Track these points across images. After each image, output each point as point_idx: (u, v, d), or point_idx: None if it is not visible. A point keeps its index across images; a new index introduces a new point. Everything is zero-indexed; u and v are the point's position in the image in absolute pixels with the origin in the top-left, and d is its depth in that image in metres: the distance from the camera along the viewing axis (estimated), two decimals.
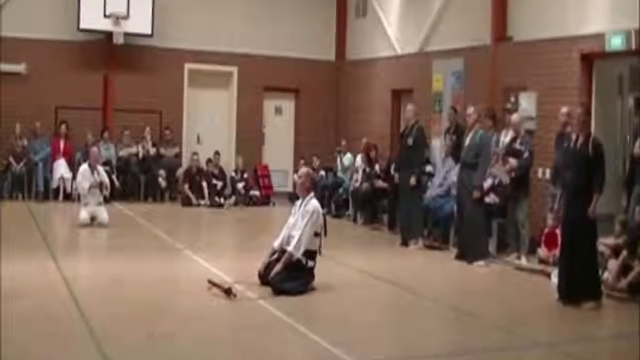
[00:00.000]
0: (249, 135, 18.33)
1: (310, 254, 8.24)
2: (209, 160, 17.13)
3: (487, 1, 13.50)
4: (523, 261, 10.74)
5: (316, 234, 8.24)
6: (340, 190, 15.76)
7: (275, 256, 8.36)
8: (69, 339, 6.27)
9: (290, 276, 8.07)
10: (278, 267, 8.06)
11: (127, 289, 8.24)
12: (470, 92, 14.03)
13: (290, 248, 8.11)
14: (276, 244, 8.44)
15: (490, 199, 11.19)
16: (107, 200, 13.61)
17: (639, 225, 9.02)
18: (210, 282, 8.16)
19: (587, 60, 11.69)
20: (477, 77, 13.87)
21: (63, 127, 16.49)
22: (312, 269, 8.29)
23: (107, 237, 12.08)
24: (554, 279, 8.64)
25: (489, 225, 11.15)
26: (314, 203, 8.27)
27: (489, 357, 6.36)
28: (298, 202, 8.53)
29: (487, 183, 11.20)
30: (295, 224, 8.25)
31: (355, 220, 14.82)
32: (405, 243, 11.98)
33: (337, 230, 14.07)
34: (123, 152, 16.90)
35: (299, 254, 8.08)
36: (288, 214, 8.77)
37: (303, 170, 8.71)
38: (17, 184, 15.98)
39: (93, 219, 12.74)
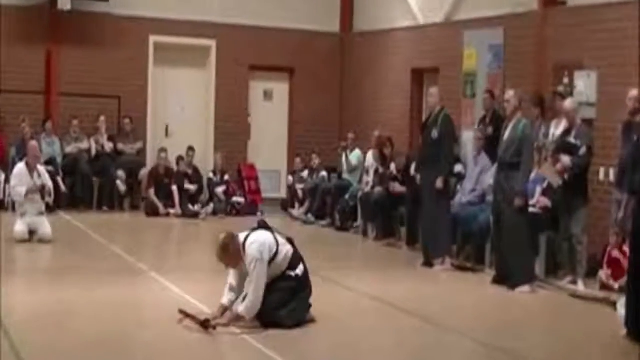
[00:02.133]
0: (231, 126, 18.31)
1: (290, 265, 8.16)
2: (180, 159, 17.10)
3: None
4: (580, 286, 10.70)
5: (272, 261, 8.07)
6: (347, 196, 15.72)
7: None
8: None
9: (282, 301, 8.02)
10: (223, 322, 7.91)
11: (77, 321, 8.19)
12: (511, 72, 14.01)
13: (241, 309, 7.95)
14: (225, 300, 8.16)
15: (538, 206, 11.15)
16: (50, 209, 13.55)
17: None
18: (182, 312, 8.13)
19: None
20: (521, 53, 13.85)
21: None
22: (304, 275, 8.20)
23: (51, 256, 12.02)
24: (621, 309, 8.57)
25: (535, 241, 11.11)
26: (248, 253, 7.98)
27: None
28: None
29: (537, 190, 11.16)
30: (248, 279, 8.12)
31: (365, 233, 14.79)
32: (428, 263, 11.96)
33: (342, 247, 14.04)
34: (71, 148, 16.85)
35: (250, 317, 7.94)
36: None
37: (218, 246, 8.16)
38: None
39: (32, 232, 12.69)
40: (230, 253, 8.08)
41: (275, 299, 8.01)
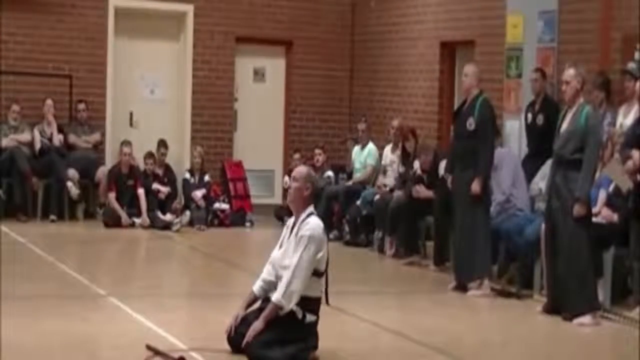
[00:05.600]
0: (213, 114, 18.34)
1: (309, 304, 8.23)
2: (148, 155, 17.10)
3: None
4: None
5: (318, 273, 8.26)
6: (359, 201, 15.69)
7: (256, 305, 8.37)
8: None
9: (278, 338, 8.02)
10: (257, 324, 8.06)
11: None
12: (568, 45, 13.98)
13: (276, 296, 8.10)
14: (256, 287, 8.43)
15: (602, 216, 11.11)
16: None
17: None
18: (150, 348, 8.17)
19: None
20: (581, 20, 13.81)
21: None
22: (312, 326, 8.27)
23: None
24: None
25: (599, 259, 11.07)
26: (314, 223, 8.30)
27: None
28: (290, 222, 8.51)
29: (601, 196, 11.12)
30: (284, 257, 8.26)
31: (382, 249, 14.80)
32: (462, 286, 11.99)
33: (353, 267, 14.02)
34: (8, 141, 16.80)
35: (290, 306, 8.06)
36: (274, 239, 8.75)
37: (300, 169, 8.61)
38: None
39: None
40: (306, 184, 8.32)
41: (274, 337, 8.00)
